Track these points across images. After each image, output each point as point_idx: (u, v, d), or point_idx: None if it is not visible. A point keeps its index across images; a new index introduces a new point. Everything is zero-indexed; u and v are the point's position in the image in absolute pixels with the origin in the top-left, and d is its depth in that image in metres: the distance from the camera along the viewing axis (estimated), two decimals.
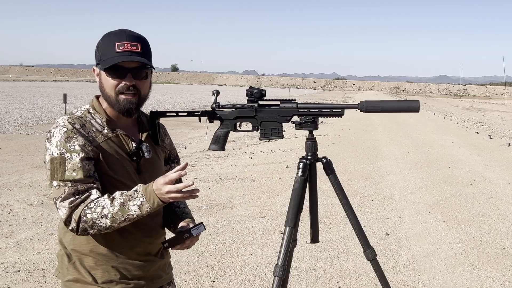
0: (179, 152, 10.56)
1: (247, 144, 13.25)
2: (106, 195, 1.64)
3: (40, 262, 4.40)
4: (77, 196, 1.62)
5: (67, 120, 1.70)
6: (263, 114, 2.17)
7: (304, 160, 2.29)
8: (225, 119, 2.16)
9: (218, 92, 2.15)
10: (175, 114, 2.07)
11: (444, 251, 4.99)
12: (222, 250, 4.85)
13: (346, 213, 2.34)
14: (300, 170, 2.27)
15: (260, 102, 2.18)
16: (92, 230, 1.63)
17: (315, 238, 2.41)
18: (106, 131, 1.75)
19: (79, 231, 1.64)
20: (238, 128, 2.19)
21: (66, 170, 1.63)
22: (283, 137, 2.20)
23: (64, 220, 1.64)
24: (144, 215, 1.64)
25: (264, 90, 2.18)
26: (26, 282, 4.00)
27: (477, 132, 17.42)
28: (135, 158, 1.78)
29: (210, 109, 2.14)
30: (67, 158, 1.64)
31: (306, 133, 2.28)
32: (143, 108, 1.89)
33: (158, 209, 1.88)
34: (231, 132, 2.19)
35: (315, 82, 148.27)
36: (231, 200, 6.87)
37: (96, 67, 1.76)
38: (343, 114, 2.20)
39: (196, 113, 2.08)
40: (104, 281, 1.74)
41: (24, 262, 4.38)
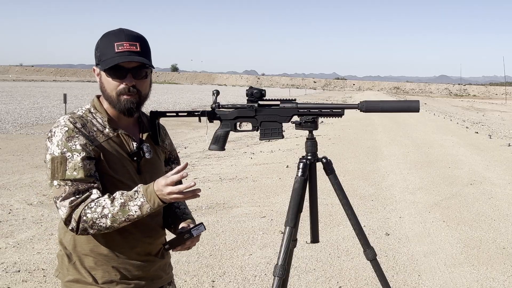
0: (179, 152, 10.56)
1: (247, 144, 13.25)
2: (107, 195, 1.64)
3: (40, 262, 4.40)
4: (77, 195, 1.62)
5: (68, 119, 1.70)
6: (263, 114, 2.17)
7: (304, 160, 2.29)
8: (225, 119, 2.15)
9: (218, 92, 2.15)
10: (175, 114, 2.07)
11: (444, 251, 4.99)
12: (222, 250, 4.85)
13: (346, 213, 2.34)
14: (300, 170, 2.27)
15: (260, 102, 2.18)
16: (92, 230, 1.63)
17: (315, 238, 2.41)
18: (107, 130, 1.75)
19: (79, 231, 1.63)
20: (238, 128, 2.19)
21: (67, 169, 1.63)
22: (283, 137, 2.20)
23: (64, 220, 1.63)
24: (144, 215, 1.64)
25: (264, 90, 2.17)
26: (26, 282, 4.00)
27: (477, 132, 17.42)
28: (135, 158, 1.78)
29: (210, 109, 2.14)
30: (68, 158, 1.63)
31: (306, 133, 2.28)
32: (144, 108, 1.89)
33: (159, 209, 1.89)
34: (231, 132, 2.19)
35: (315, 82, 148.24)
36: (231, 200, 6.87)
37: (96, 67, 1.76)
38: (343, 114, 2.20)
39: (196, 113, 2.08)
40: (104, 281, 1.74)
41: (24, 262, 4.38)
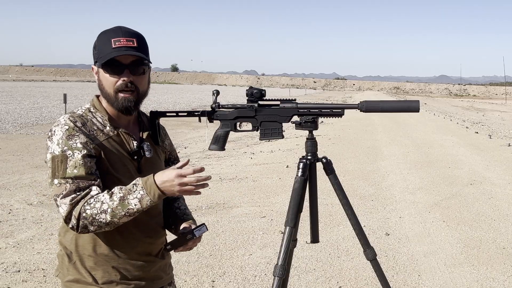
0: (179, 152, 10.57)
1: (247, 144, 13.24)
2: (106, 191, 1.63)
3: (40, 262, 4.40)
4: (78, 193, 1.61)
5: (69, 118, 1.70)
6: (263, 114, 2.16)
7: (304, 160, 2.28)
8: (225, 119, 2.15)
9: (218, 92, 2.15)
10: (175, 114, 2.07)
11: (444, 251, 4.99)
12: (222, 250, 4.85)
13: (346, 213, 2.34)
14: (300, 170, 2.27)
15: (260, 102, 2.18)
16: (93, 227, 1.61)
17: (315, 238, 2.41)
18: (107, 129, 1.74)
19: (79, 229, 1.62)
20: (238, 128, 2.19)
21: (67, 167, 1.62)
22: (283, 137, 2.20)
23: (64, 217, 1.62)
24: (144, 209, 1.62)
25: (264, 90, 2.17)
26: (26, 282, 4.00)
27: (477, 132, 17.42)
28: (136, 157, 1.78)
29: (210, 109, 2.14)
30: (68, 156, 1.63)
31: (306, 133, 2.28)
32: (143, 108, 1.89)
33: (158, 209, 1.88)
34: (231, 132, 2.19)
35: (315, 82, 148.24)
36: (231, 200, 6.87)
37: (95, 65, 1.76)
38: (343, 114, 2.19)
39: (196, 113, 2.08)
40: (104, 281, 1.73)
41: (24, 262, 4.38)
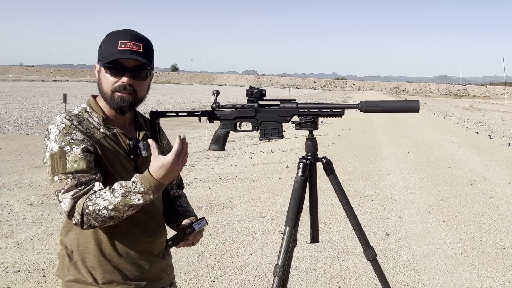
0: None
1: (247, 144, 13.25)
2: (108, 187, 1.63)
3: (40, 262, 4.40)
4: (79, 187, 1.61)
5: (65, 117, 1.70)
6: (263, 114, 2.16)
7: (304, 160, 2.28)
8: (225, 119, 2.15)
9: (218, 92, 2.14)
10: (175, 114, 2.07)
11: (444, 251, 4.99)
12: (222, 250, 4.85)
13: (346, 213, 2.34)
14: (300, 170, 2.27)
15: (260, 102, 2.17)
16: (97, 222, 1.61)
17: (315, 238, 2.41)
18: (103, 129, 1.75)
19: (84, 225, 1.61)
20: (238, 128, 2.19)
21: (67, 162, 1.62)
22: (283, 137, 2.20)
23: (67, 213, 1.61)
24: (147, 202, 1.63)
25: (264, 90, 2.17)
26: (26, 282, 4.00)
27: (477, 132, 17.42)
28: (132, 156, 1.78)
29: (210, 109, 2.14)
30: (67, 151, 1.63)
31: (306, 133, 2.28)
32: (142, 109, 1.89)
33: (158, 208, 1.88)
34: (231, 132, 2.19)
35: (315, 82, 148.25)
36: (231, 200, 6.87)
37: (98, 63, 1.77)
38: (343, 114, 2.19)
39: (196, 113, 2.08)
40: (105, 281, 1.73)
41: (24, 262, 4.38)
